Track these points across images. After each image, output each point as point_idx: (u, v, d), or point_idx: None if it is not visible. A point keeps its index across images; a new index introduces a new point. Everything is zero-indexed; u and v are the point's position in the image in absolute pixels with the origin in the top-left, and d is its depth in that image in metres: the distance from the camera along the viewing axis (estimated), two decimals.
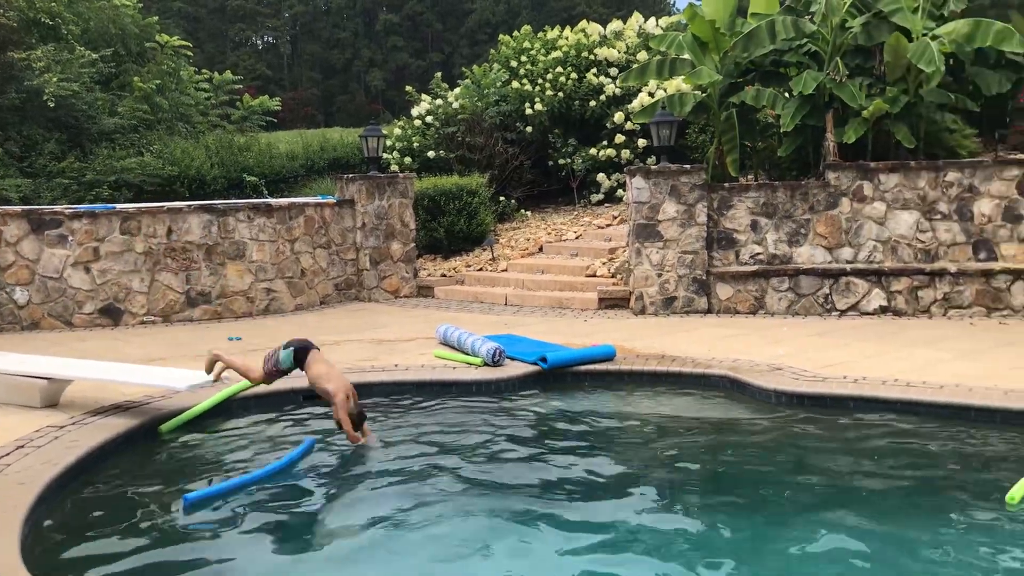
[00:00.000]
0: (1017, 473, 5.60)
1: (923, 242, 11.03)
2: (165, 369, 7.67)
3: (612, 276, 12.34)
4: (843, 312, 10.89)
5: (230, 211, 11.71)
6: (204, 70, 20.51)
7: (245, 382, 7.36)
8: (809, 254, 11.22)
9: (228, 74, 20.51)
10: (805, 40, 11.87)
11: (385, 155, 15.73)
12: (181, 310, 11.39)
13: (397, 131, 16.89)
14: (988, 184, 10.89)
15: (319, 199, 13.00)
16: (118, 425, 6.59)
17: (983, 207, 10.91)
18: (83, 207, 11.33)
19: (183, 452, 6.51)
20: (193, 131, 17.52)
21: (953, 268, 10.70)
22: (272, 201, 12.64)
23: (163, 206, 11.54)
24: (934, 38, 10.92)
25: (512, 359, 8.55)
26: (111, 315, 11.09)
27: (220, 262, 11.60)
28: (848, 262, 11.12)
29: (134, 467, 6.15)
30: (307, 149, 17.68)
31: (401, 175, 13.35)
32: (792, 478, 5.99)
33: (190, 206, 11.59)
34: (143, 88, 16.65)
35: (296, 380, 7.91)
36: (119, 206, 11.55)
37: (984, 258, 10.91)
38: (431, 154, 15.89)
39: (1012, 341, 9.21)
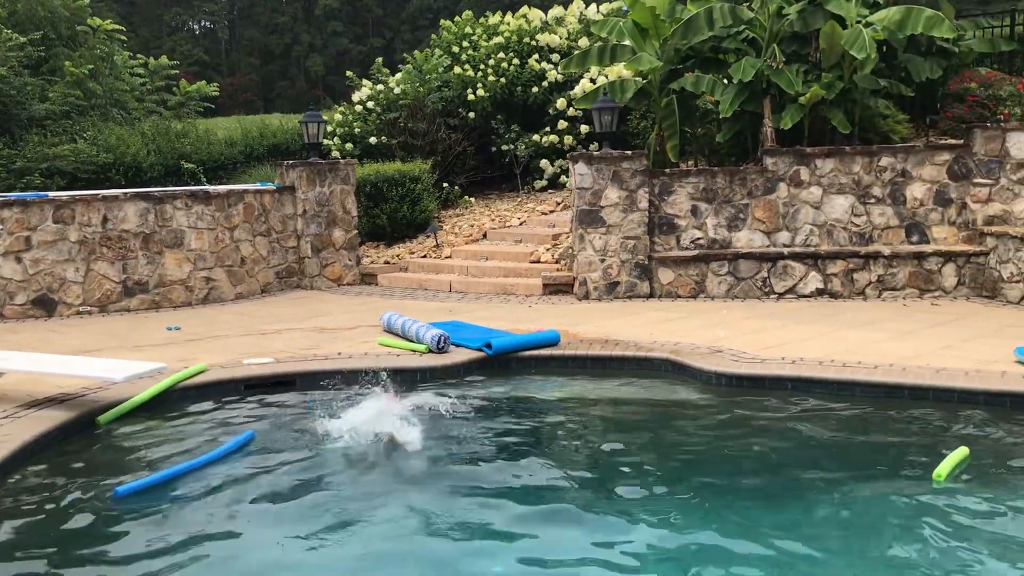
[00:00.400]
0: (948, 449, 5.78)
1: (858, 226, 11.28)
2: (102, 360, 7.53)
3: (556, 262, 12.40)
4: (781, 295, 11.10)
5: (167, 199, 11.49)
6: (139, 55, 20.01)
7: (183, 372, 7.25)
8: (748, 238, 11.40)
9: (164, 59, 20.06)
10: (743, 27, 12.02)
11: (326, 141, 15.57)
12: (118, 300, 11.16)
13: (338, 117, 16.70)
14: (920, 168, 11.17)
15: (259, 186, 12.82)
16: (54, 418, 6.45)
17: (915, 191, 11.19)
18: (13, 195, 11.02)
19: (121, 444, 6.40)
20: (128, 117, 17.10)
21: (887, 251, 10.96)
22: (211, 188, 12.43)
23: (98, 194, 11.27)
24: (867, 25, 11.14)
25: (457, 345, 8.55)
26: (45, 306, 10.82)
27: (158, 251, 11.38)
28: (785, 246, 11.33)
29: (70, 460, 6.03)
30: (246, 135, 17.38)
31: (342, 161, 13.22)
32: (730, 458, 6.12)
33: (126, 194, 11.35)
34: (75, 73, 16.20)
35: (238, 370, 7.84)
36: (52, 194, 11.26)
37: (916, 241, 11.20)
38: (373, 140, 15.76)
39: (943, 322, 9.48)
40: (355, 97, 16.84)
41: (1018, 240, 10.29)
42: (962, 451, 5.69)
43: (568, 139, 15.01)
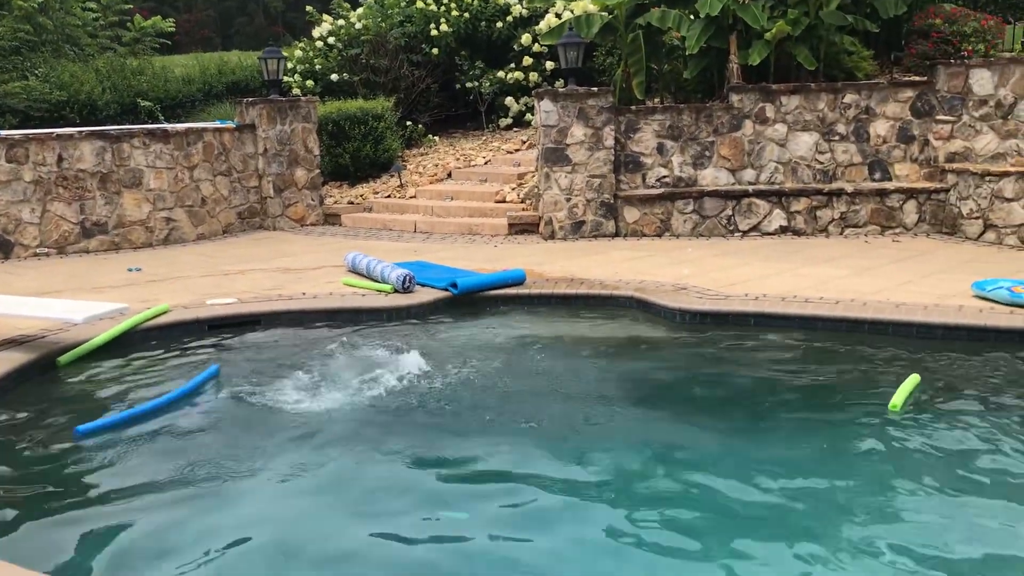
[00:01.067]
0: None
1: (822, 163, 11.32)
2: (61, 301, 7.42)
3: (522, 202, 12.34)
4: (745, 233, 11.15)
5: (124, 137, 11.23)
6: None
7: (145, 313, 7.15)
8: (713, 176, 11.41)
9: None
10: None
11: (286, 78, 15.24)
12: (76, 241, 10.96)
13: (298, 53, 16.33)
14: (884, 106, 11.19)
15: (218, 124, 12.57)
16: (12, 359, 6.36)
17: (879, 128, 11.23)
18: None
19: (82, 385, 6.33)
20: (82, 54, 16.64)
21: (850, 188, 11.03)
22: (169, 127, 12.16)
23: (52, 133, 10.98)
24: None
25: (422, 285, 8.52)
26: (1, 248, 10.59)
27: (116, 191, 11.16)
28: (751, 184, 11.36)
29: (30, 401, 5.96)
30: (204, 73, 16.98)
31: (303, 99, 12.97)
32: (694, 392, 6.21)
33: (81, 132, 11.07)
34: (24, 7, 15.68)
35: (201, 310, 7.76)
36: (3, 133, 10.96)
37: (879, 178, 11.27)
38: (334, 77, 15.46)
39: (903, 258, 9.60)
40: (315, 33, 16.46)
41: (978, 177, 10.39)
42: (913, 379, 5.80)
43: (533, 76, 14.83)
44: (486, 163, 13.91)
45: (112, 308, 7.35)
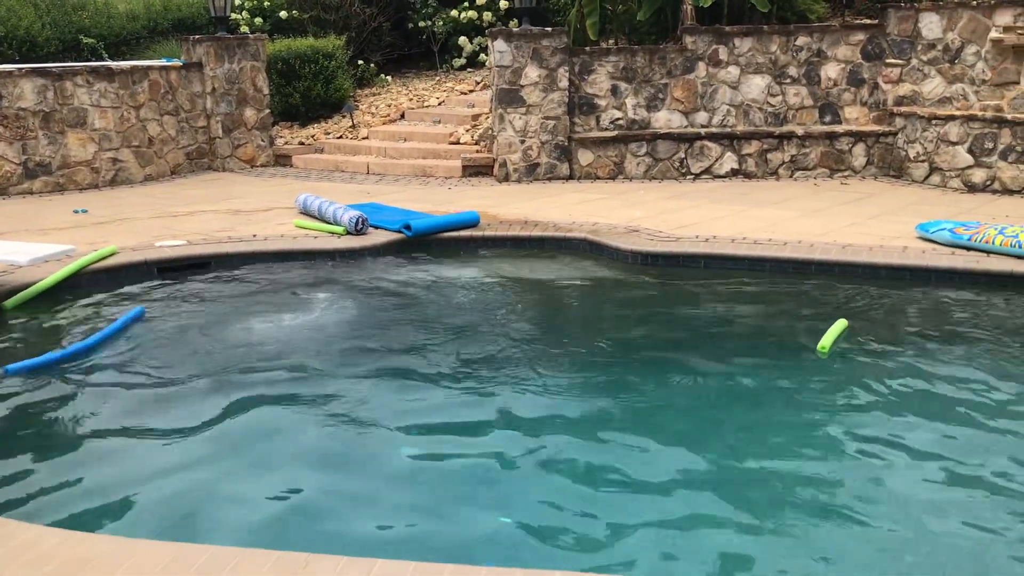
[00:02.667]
0: (850, 322, 6.04)
1: (773, 106, 11.39)
2: (5, 242, 7.27)
3: (476, 143, 12.27)
4: (697, 176, 11.23)
5: (67, 75, 10.90)
6: None
7: (92, 255, 7.03)
8: (666, 119, 11.43)
9: None
10: None
11: (234, 16, 14.86)
12: (19, 182, 10.69)
13: None
14: (835, 48, 11.26)
15: (164, 62, 12.25)
16: None
17: (830, 71, 11.31)
18: None
19: (27, 328, 6.25)
20: None
21: (800, 131, 11.14)
22: (113, 64, 11.82)
23: None
24: None
25: (376, 227, 8.49)
26: None
27: (59, 130, 10.87)
28: (703, 127, 11.41)
29: None
30: (149, 9, 16.48)
31: (252, 36, 12.67)
32: (638, 332, 6.31)
33: (21, 69, 10.72)
34: None
35: (150, 252, 7.66)
36: None
37: (829, 121, 11.39)
38: (283, 14, 15.11)
39: (851, 200, 9.76)
40: None
41: (925, 120, 10.55)
42: (840, 323, 5.92)
43: (487, 15, 14.64)
44: (440, 104, 13.77)
45: (58, 250, 7.23)
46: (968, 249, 7.39)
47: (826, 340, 5.68)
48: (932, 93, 10.99)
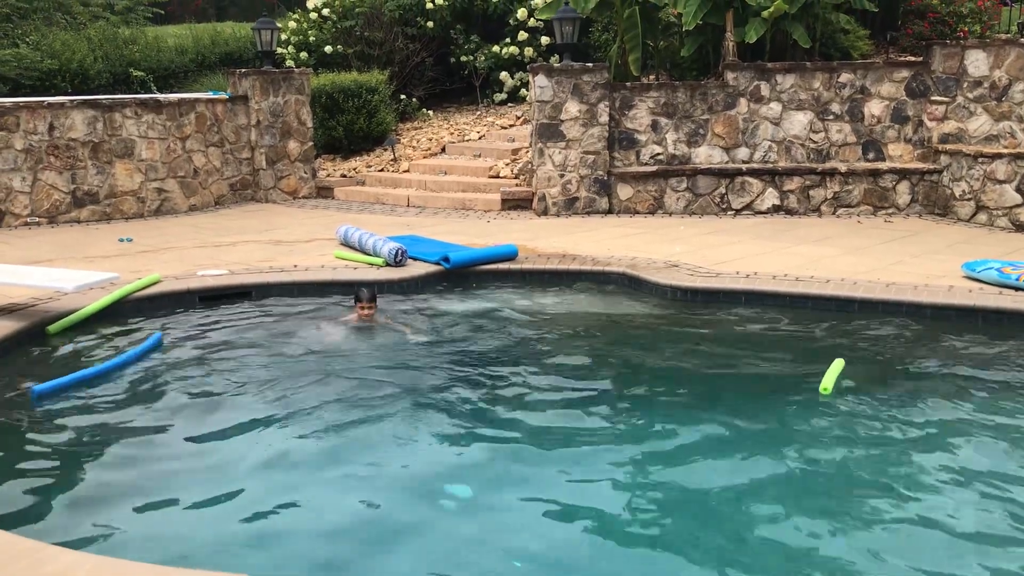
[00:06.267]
0: (894, 362, 5.91)
1: (816, 142, 11.31)
2: (52, 270, 7.39)
3: (515, 177, 12.31)
4: (738, 211, 11.16)
5: (116, 107, 11.15)
6: None
7: (137, 283, 7.13)
8: (707, 154, 11.39)
9: None
10: None
11: (280, 50, 15.13)
12: (67, 211, 10.91)
13: (292, 25, 16.21)
14: (879, 85, 11.17)
15: (211, 95, 12.49)
16: (3, 328, 6.35)
17: (873, 108, 11.21)
18: None
19: (71, 354, 6.33)
20: (73, 22, 16.46)
21: (843, 168, 11.03)
22: (161, 96, 12.08)
23: (43, 101, 10.90)
24: None
25: (414, 259, 8.52)
26: None
27: (107, 160, 11.10)
28: (744, 162, 11.35)
29: (20, 369, 5.97)
30: (197, 43, 16.83)
31: (297, 70, 12.89)
32: (682, 367, 6.23)
33: (73, 101, 10.99)
34: None
35: (193, 281, 7.75)
36: None
37: (872, 158, 11.27)
38: (328, 49, 15.36)
39: (895, 238, 9.62)
40: (310, 4, 16.33)
41: (971, 158, 10.40)
42: (839, 363, 5.77)
43: (529, 51, 14.76)
44: (480, 138, 13.87)
45: (103, 277, 7.32)
46: (1016, 289, 7.23)
47: (827, 381, 5.57)
48: (978, 131, 10.84)
